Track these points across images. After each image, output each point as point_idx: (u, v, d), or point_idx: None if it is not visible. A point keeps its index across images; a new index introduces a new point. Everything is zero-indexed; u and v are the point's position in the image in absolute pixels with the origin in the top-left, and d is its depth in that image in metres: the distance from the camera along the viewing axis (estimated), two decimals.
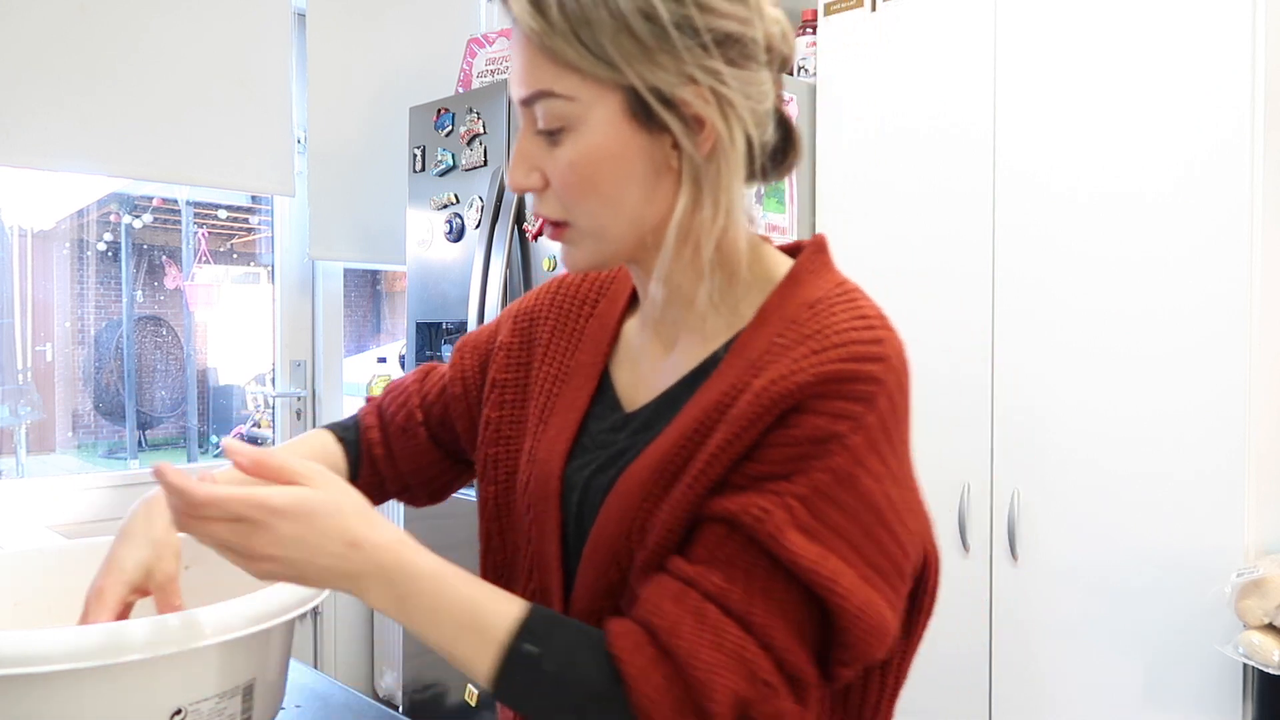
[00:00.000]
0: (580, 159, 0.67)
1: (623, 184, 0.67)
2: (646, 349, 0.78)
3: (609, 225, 0.69)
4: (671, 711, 0.60)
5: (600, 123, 0.66)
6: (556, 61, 0.64)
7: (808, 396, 0.63)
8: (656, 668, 0.61)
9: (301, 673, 1.03)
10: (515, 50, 0.68)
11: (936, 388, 1.97)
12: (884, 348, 0.66)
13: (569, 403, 0.79)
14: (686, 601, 0.63)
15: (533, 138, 0.69)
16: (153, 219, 2.65)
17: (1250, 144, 1.57)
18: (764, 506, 0.62)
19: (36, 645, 0.60)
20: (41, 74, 2.19)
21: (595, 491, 0.73)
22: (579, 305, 0.85)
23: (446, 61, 2.90)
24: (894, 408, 0.65)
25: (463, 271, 2.36)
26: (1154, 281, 1.68)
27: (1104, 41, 1.74)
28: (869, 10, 2.09)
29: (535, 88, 0.66)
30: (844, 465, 0.62)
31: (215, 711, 0.66)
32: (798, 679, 0.63)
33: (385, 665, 2.87)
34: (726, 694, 0.60)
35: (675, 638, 0.62)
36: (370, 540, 0.62)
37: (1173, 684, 1.65)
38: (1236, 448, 1.58)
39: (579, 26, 0.63)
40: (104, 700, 0.62)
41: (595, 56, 0.64)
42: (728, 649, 0.61)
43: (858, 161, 2.12)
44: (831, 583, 0.61)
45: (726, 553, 0.63)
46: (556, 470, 0.76)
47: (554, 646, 0.63)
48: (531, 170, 0.69)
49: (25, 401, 2.40)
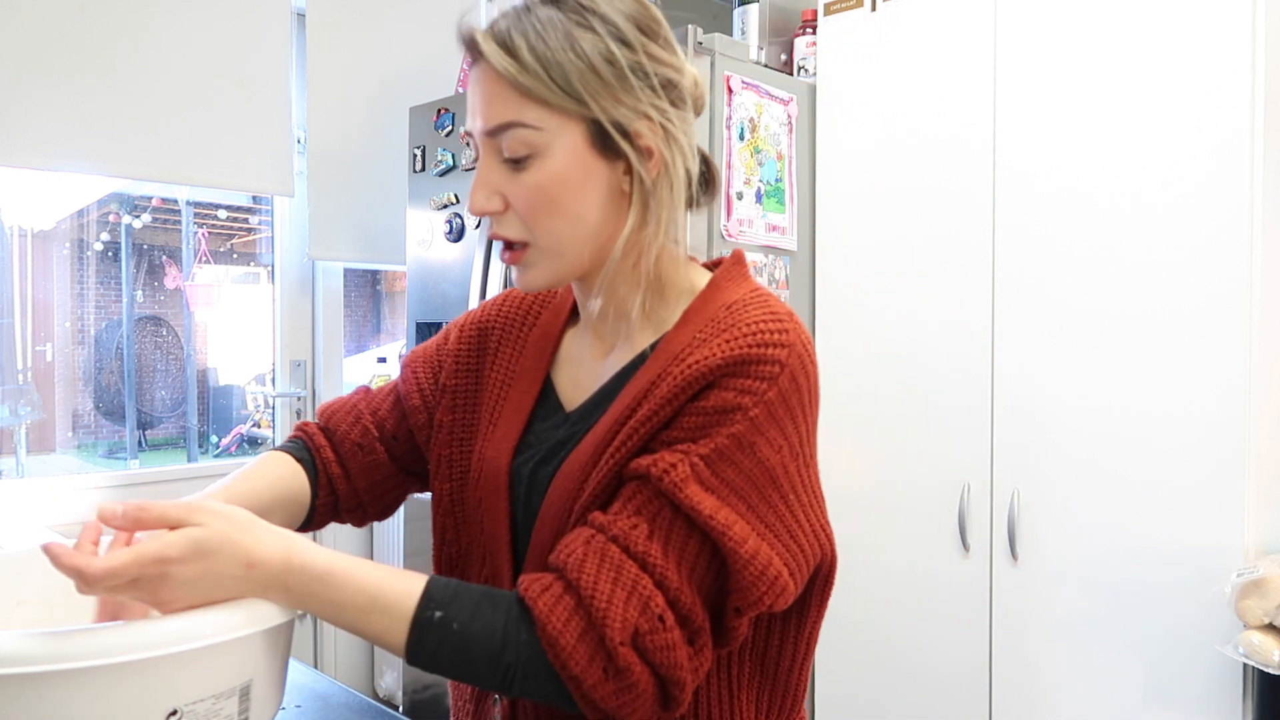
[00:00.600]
0: (547, 181, 0.75)
1: (584, 204, 0.76)
2: (585, 356, 0.87)
3: (568, 243, 0.77)
4: (576, 640, 0.68)
5: (565, 149, 0.75)
6: (526, 96, 0.74)
7: (719, 375, 0.73)
8: (561, 602, 0.69)
9: (301, 673, 1.03)
10: (478, 86, 0.76)
11: (936, 388, 1.97)
12: (789, 337, 0.74)
13: (515, 405, 0.88)
14: (593, 544, 0.71)
15: (494, 165, 0.77)
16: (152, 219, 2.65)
17: (1250, 144, 1.57)
18: (670, 462, 0.71)
19: (28, 645, 0.60)
20: (41, 74, 2.19)
21: (540, 480, 0.82)
22: (524, 316, 0.94)
23: (446, 61, 2.90)
24: (797, 389, 0.74)
25: (463, 271, 2.36)
26: (1154, 281, 1.68)
27: (1104, 41, 1.74)
28: (869, 10, 2.09)
29: (505, 119, 0.74)
30: (744, 432, 0.71)
31: (211, 712, 0.66)
32: (689, 619, 0.70)
33: (385, 665, 2.87)
34: (622, 622, 0.68)
35: (579, 574, 0.69)
36: (262, 558, 0.67)
37: (1173, 684, 1.65)
38: (1236, 448, 1.58)
39: (549, 66, 0.73)
40: (98, 701, 0.61)
41: (564, 92, 0.73)
42: (624, 583, 0.69)
43: (857, 162, 2.12)
44: (725, 529, 0.70)
45: (636, 504, 0.72)
46: (504, 465, 0.85)
47: (458, 607, 0.69)
48: (493, 195, 0.77)
49: (25, 401, 2.40)
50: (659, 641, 0.68)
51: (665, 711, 0.72)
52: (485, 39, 0.75)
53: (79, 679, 0.60)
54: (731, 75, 2.01)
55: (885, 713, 2.05)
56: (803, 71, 2.28)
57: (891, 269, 2.05)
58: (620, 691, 0.68)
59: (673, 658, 0.69)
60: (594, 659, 0.68)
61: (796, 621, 0.82)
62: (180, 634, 0.63)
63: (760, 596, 0.71)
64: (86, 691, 0.61)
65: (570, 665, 0.67)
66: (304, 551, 0.68)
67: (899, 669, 2.03)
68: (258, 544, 0.67)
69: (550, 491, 0.80)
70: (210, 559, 0.65)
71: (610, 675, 0.68)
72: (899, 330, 2.04)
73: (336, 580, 0.68)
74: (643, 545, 0.70)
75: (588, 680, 0.68)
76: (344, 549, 2.94)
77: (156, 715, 0.63)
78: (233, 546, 0.66)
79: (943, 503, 1.96)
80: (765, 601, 0.71)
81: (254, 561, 0.66)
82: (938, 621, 1.97)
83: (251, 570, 0.66)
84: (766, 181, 2.10)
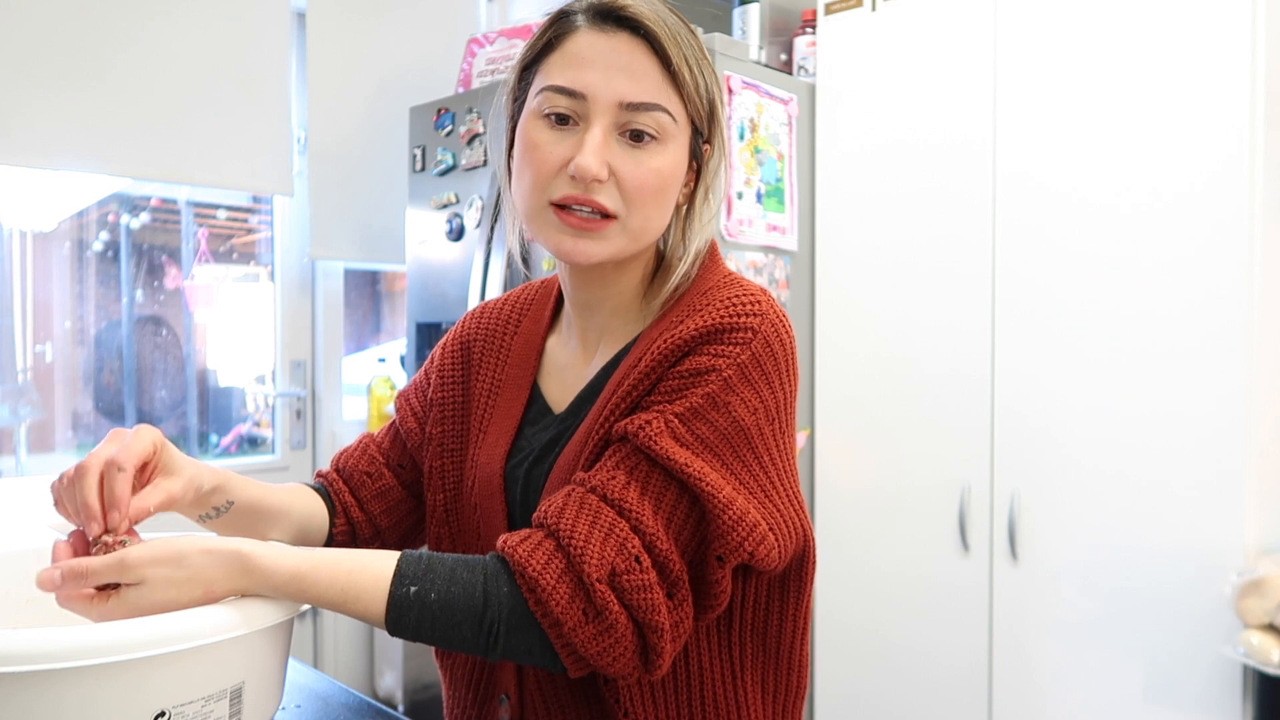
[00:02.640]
0: (664, 168, 0.80)
1: (671, 198, 0.82)
2: (571, 361, 0.90)
3: (650, 230, 0.81)
4: (556, 580, 0.69)
5: (680, 147, 0.81)
6: (675, 86, 0.79)
7: (695, 343, 0.76)
8: (540, 547, 0.71)
9: (301, 673, 1.03)
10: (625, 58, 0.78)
11: (936, 388, 1.97)
12: (761, 308, 0.78)
13: (504, 412, 0.90)
14: (573, 494, 0.74)
15: (610, 137, 0.78)
16: (152, 219, 2.65)
17: (1250, 145, 1.57)
18: (645, 419, 0.74)
19: (15, 645, 0.59)
20: (41, 74, 2.19)
21: (535, 480, 0.84)
22: (504, 325, 0.96)
23: (446, 61, 2.90)
24: (771, 355, 0.77)
25: (463, 271, 2.36)
26: (1154, 282, 1.68)
27: (1104, 42, 1.73)
28: (869, 10, 2.09)
29: (656, 99, 0.78)
30: (718, 392, 0.74)
31: (201, 715, 0.66)
32: (665, 566, 0.72)
33: (385, 665, 2.86)
34: (599, 560, 0.70)
35: (559, 519, 0.72)
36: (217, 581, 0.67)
37: (1173, 684, 1.65)
38: (1236, 448, 1.58)
39: (703, 71, 0.81)
40: (83, 701, 0.61)
41: (701, 100, 0.81)
42: (601, 525, 0.71)
43: (857, 162, 2.12)
44: (699, 476, 0.72)
45: (615, 459, 0.75)
46: (499, 469, 0.87)
47: (432, 578, 0.70)
48: (604, 164, 0.78)
49: (25, 401, 2.40)
50: (635, 581, 0.70)
51: (646, 667, 0.72)
52: (655, 23, 0.78)
53: (63, 679, 0.60)
54: (731, 75, 2.01)
55: (885, 713, 2.05)
56: (803, 71, 2.28)
57: (891, 269, 2.05)
58: (600, 635, 0.69)
59: (649, 599, 0.70)
60: (574, 599, 0.69)
61: (794, 596, 0.83)
62: (168, 635, 0.63)
63: (740, 542, 0.72)
64: (71, 692, 0.60)
65: (551, 606, 0.68)
66: (261, 560, 0.68)
67: (899, 669, 2.03)
68: (204, 571, 0.67)
69: (547, 487, 0.81)
70: (155, 607, 0.65)
71: (590, 617, 0.69)
72: (899, 330, 2.04)
73: (307, 580, 0.69)
74: (619, 492, 0.72)
75: (568, 622, 0.69)
76: None
77: (144, 717, 0.63)
78: (177, 589, 0.66)
79: (943, 503, 1.96)
80: (745, 548, 0.72)
81: (209, 587, 0.67)
82: (938, 621, 1.97)
83: (212, 593, 0.67)
84: (766, 181, 2.10)
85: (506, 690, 0.85)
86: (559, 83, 0.78)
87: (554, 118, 0.79)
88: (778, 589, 0.82)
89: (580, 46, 0.78)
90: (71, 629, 0.61)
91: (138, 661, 0.62)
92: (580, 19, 0.79)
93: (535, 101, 0.80)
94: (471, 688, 0.90)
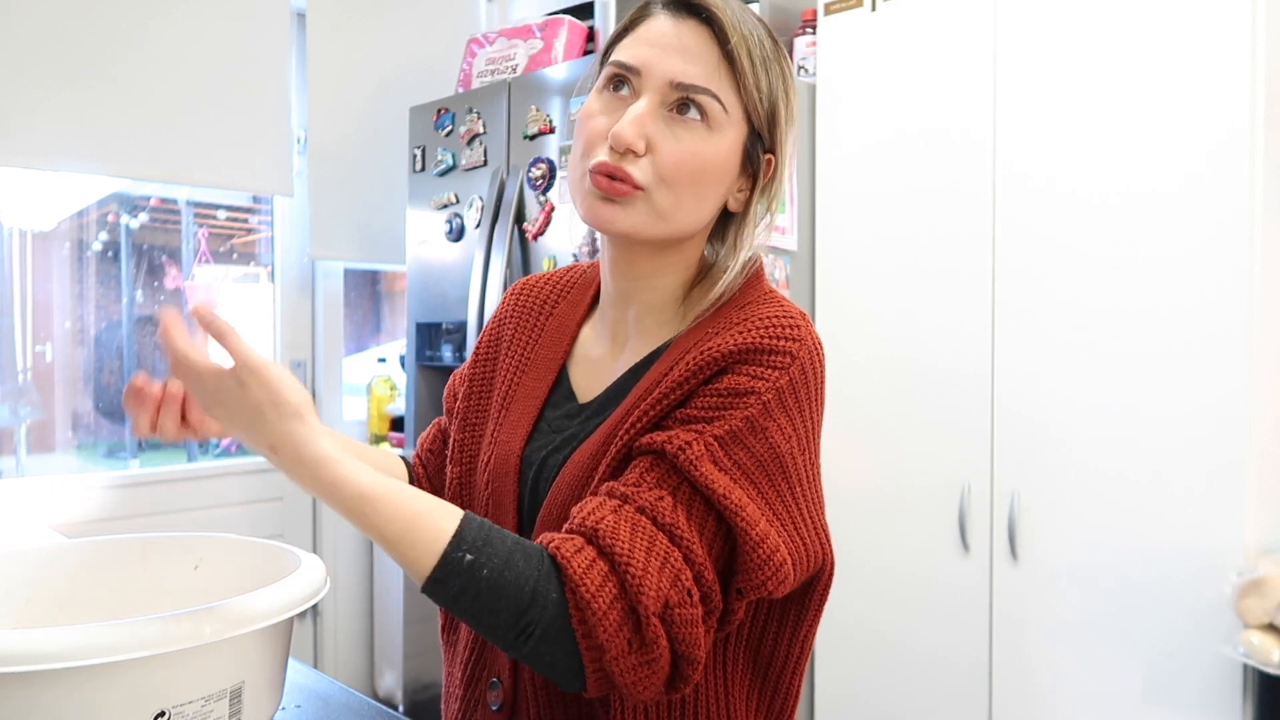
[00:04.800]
0: (704, 151, 0.78)
1: (712, 192, 0.81)
2: (600, 353, 0.89)
3: (676, 214, 0.80)
4: (607, 606, 0.67)
5: (730, 140, 0.80)
6: (733, 79, 0.78)
7: (732, 361, 0.75)
8: (594, 567, 0.68)
9: (301, 673, 1.03)
10: (687, 40, 0.78)
11: (937, 387, 1.97)
12: (800, 333, 0.77)
13: (529, 392, 0.90)
14: (623, 512, 0.71)
15: (657, 113, 0.78)
16: (152, 219, 2.65)
17: (1250, 144, 1.57)
18: (686, 440, 0.72)
19: (15, 645, 0.59)
20: (41, 74, 2.19)
21: (550, 468, 0.83)
22: (540, 305, 0.96)
23: (446, 61, 2.90)
24: (806, 383, 0.76)
25: (463, 271, 2.36)
26: (1154, 281, 1.68)
27: (1104, 40, 1.73)
28: (869, 10, 2.09)
29: (710, 84, 0.78)
30: (757, 416, 0.73)
31: (201, 714, 0.66)
32: (709, 596, 0.71)
33: (385, 665, 2.86)
34: (656, 593, 0.68)
35: (614, 541, 0.69)
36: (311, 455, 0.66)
37: (1173, 684, 1.65)
38: (1236, 447, 1.58)
39: (768, 69, 0.80)
40: (83, 701, 0.61)
41: (760, 96, 0.80)
42: (658, 554, 0.69)
43: (857, 161, 2.12)
44: (738, 509, 0.71)
45: (654, 477, 0.73)
46: (516, 449, 0.86)
47: (490, 553, 0.68)
48: (641, 137, 0.77)
49: (25, 401, 2.40)
50: (685, 616, 0.68)
51: (671, 690, 0.71)
52: (722, 11, 0.78)
53: (63, 679, 0.60)
54: None
55: (885, 713, 2.05)
56: (803, 71, 2.28)
57: (891, 269, 2.05)
58: (640, 665, 0.68)
59: (694, 634, 0.69)
60: (621, 628, 0.67)
61: (793, 621, 0.82)
62: (168, 635, 0.63)
63: (764, 581, 0.71)
64: (71, 692, 0.60)
65: (598, 632, 0.66)
66: (343, 469, 0.67)
67: (899, 669, 2.03)
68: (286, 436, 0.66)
69: (559, 478, 0.81)
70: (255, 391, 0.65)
71: (634, 647, 0.67)
72: (899, 329, 2.04)
73: (372, 504, 0.67)
74: (669, 517, 0.70)
75: (611, 650, 0.67)
76: (350, 538, 2.94)
77: (144, 717, 0.63)
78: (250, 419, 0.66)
79: (943, 503, 1.96)
80: (768, 587, 0.72)
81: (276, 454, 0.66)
82: (938, 621, 1.97)
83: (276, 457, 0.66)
84: None
85: (499, 675, 0.85)
86: (620, 58, 0.80)
87: (612, 88, 0.80)
88: (777, 609, 0.82)
89: (650, 29, 0.80)
90: (72, 629, 0.61)
91: (138, 661, 0.62)
92: (657, 6, 0.81)
93: (600, 79, 0.83)
94: (464, 667, 0.89)
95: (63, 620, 0.85)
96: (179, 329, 0.67)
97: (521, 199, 2.22)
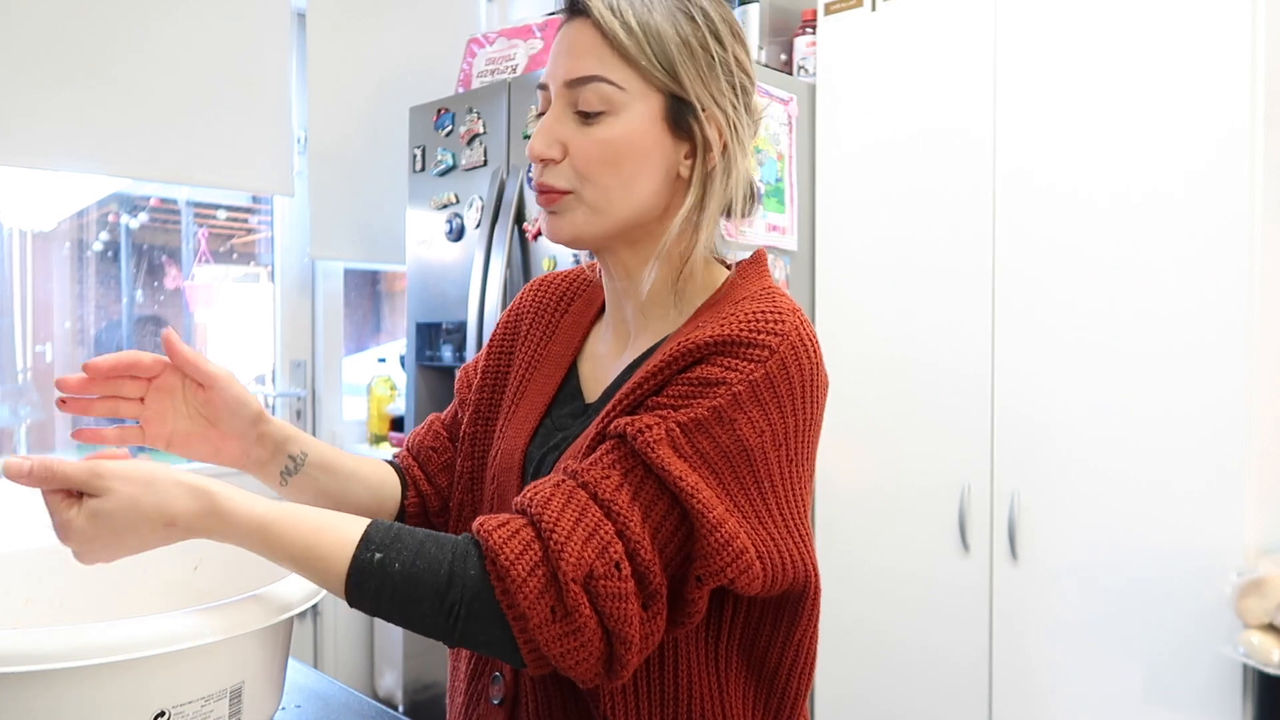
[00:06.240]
0: (615, 139, 0.78)
1: (641, 171, 0.79)
2: (607, 350, 0.90)
3: (612, 203, 0.79)
4: (527, 573, 0.67)
5: (640, 115, 0.78)
6: (620, 55, 0.77)
7: (708, 351, 0.73)
8: (517, 535, 0.68)
9: (301, 673, 1.03)
10: (569, 41, 0.79)
11: (937, 388, 1.97)
12: (784, 327, 0.74)
13: (538, 389, 0.90)
14: (562, 486, 0.71)
15: (563, 117, 0.79)
16: (151, 219, 2.65)
17: (1250, 144, 1.57)
18: (647, 423, 0.71)
19: (15, 645, 0.59)
20: (41, 74, 2.19)
21: (549, 467, 0.83)
22: (556, 302, 0.97)
23: (446, 61, 2.90)
24: (787, 378, 0.74)
25: (463, 271, 2.36)
26: (1154, 281, 1.68)
27: (1104, 41, 1.73)
28: (869, 10, 2.09)
29: (591, 71, 0.78)
30: (725, 407, 0.71)
31: (201, 715, 0.66)
32: (646, 576, 0.69)
33: (385, 665, 2.86)
34: (578, 560, 0.67)
35: (544, 510, 0.69)
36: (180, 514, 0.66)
37: (1173, 684, 1.65)
38: (1236, 447, 1.58)
39: (648, 32, 0.77)
40: (83, 701, 0.61)
41: (657, 60, 0.77)
42: (587, 524, 0.68)
43: (857, 161, 2.12)
44: (693, 492, 0.69)
45: (611, 458, 0.72)
46: (521, 446, 0.87)
47: (399, 548, 0.68)
48: (554, 143, 0.79)
49: (25, 401, 2.40)
50: (611, 589, 0.67)
51: (609, 675, 0.70)
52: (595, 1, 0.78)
53: (63, 679, 0.60)
54: None
55: (885, 713, 2.05)
56: (803, 71, 2.28)
57: (891, 269, 2.05)
58: (565, 636, 0.67)
59: (623, 609, 0.67)
60: (543, 595, 0.66)
61: (786, 626, 0.80)
62: (168, 635, 0.63)
63: (723, 567, 0.69)
64: (71, 692, 0.61)
65: (518, 598, 0.66)
66: (229, 503, 0.67)
67: (899, 669, 2.03)
68: (172, 502, 0.66)
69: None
70: (115, 527, 0.65)
71: (558, 616, 0.66)
72: (899, 330, 2.04)
73: (271, 531, 0.67)
74: (610, 493, 0.70)
75: (533, 618, 0.66)
76: None
77: (144, 716, 0.63)
78: (140, 512, 0.65)
79: (943, 503, 1.96)
80: (728, 574, 0.70)
81: (172, 520, 0.66)
82: (938, 621, 1.97)
83: (172, 529, 0.66)
84: (766, 181, 2.10)
85: (500, 669, 0.85)
86: (540, 80, 0.83)
87: (541, 115, 0.83)
88: (771, 611, 0.80)
89: (554, 45, 0.82)
90: (71, 629, 0.61)
91: (138, 661, 0.62)
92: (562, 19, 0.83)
93: None
94: (467, 661, 0.89)
95: (63, 620, 0.85)
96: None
97: (521, 199, 2.22)
